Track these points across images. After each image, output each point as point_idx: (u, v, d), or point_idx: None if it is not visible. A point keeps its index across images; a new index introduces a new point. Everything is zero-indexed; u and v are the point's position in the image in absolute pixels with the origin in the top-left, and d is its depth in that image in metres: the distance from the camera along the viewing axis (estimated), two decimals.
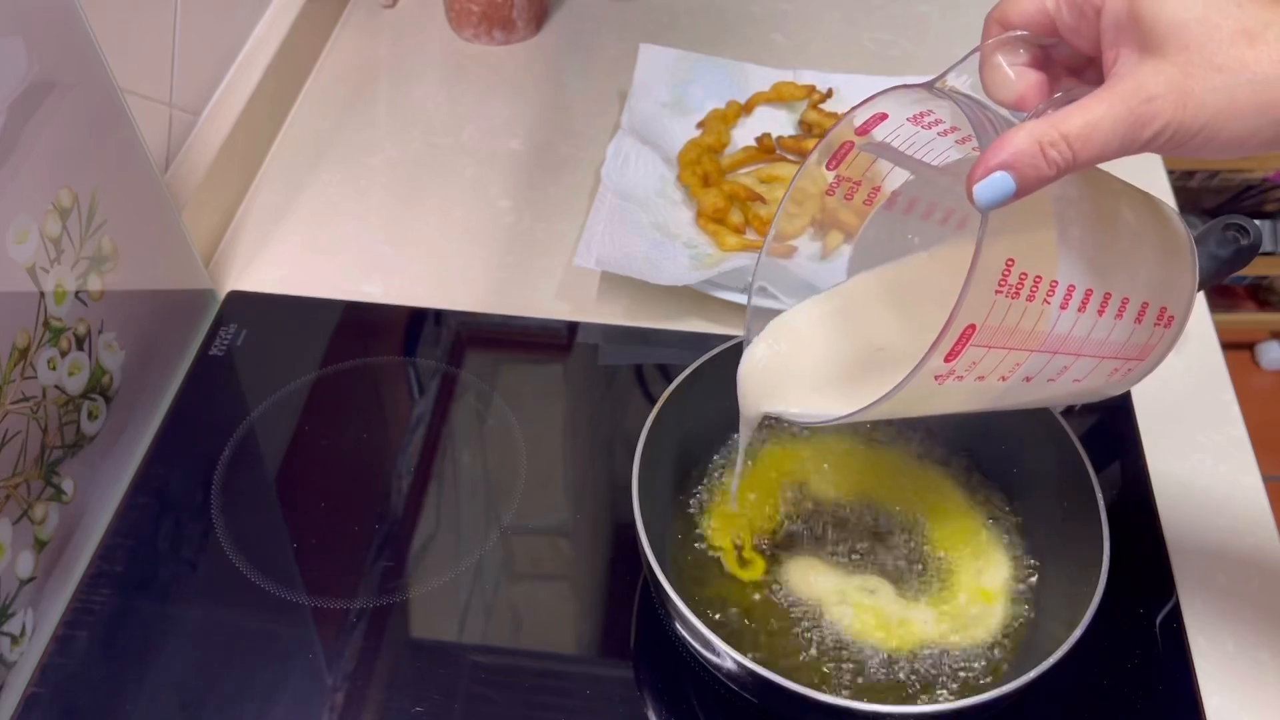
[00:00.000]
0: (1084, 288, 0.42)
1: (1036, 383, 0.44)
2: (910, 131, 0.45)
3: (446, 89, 0.96)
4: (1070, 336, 0.43)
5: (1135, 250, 0.45)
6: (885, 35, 1.00)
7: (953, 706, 0.49)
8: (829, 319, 0.53)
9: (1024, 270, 0.40)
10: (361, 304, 0.76)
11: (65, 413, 0.59)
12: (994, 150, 0.38)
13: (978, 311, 0.40)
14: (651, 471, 0.56)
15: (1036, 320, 0.41)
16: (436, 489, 0.66)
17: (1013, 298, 0.40)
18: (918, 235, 0.52)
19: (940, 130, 0.44)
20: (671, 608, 0.51)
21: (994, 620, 0.56)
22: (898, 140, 0.46)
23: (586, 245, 0.75)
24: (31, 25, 0.55)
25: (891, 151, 0.47)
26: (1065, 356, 0.44)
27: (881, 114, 0.45)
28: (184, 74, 0.79)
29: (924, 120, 0.44)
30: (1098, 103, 0.38)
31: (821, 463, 0.62)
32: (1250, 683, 0.58)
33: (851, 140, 0.47)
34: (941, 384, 0.42)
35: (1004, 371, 0.43)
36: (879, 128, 0.46)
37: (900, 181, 0.50)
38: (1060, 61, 0.44)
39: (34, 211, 0.56)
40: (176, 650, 0.58)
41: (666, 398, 0.58)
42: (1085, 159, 0.38)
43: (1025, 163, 0.38)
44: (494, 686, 0.57)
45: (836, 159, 0.48)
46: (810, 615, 0.56)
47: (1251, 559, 0.63)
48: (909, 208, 0.52)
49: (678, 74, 0.91)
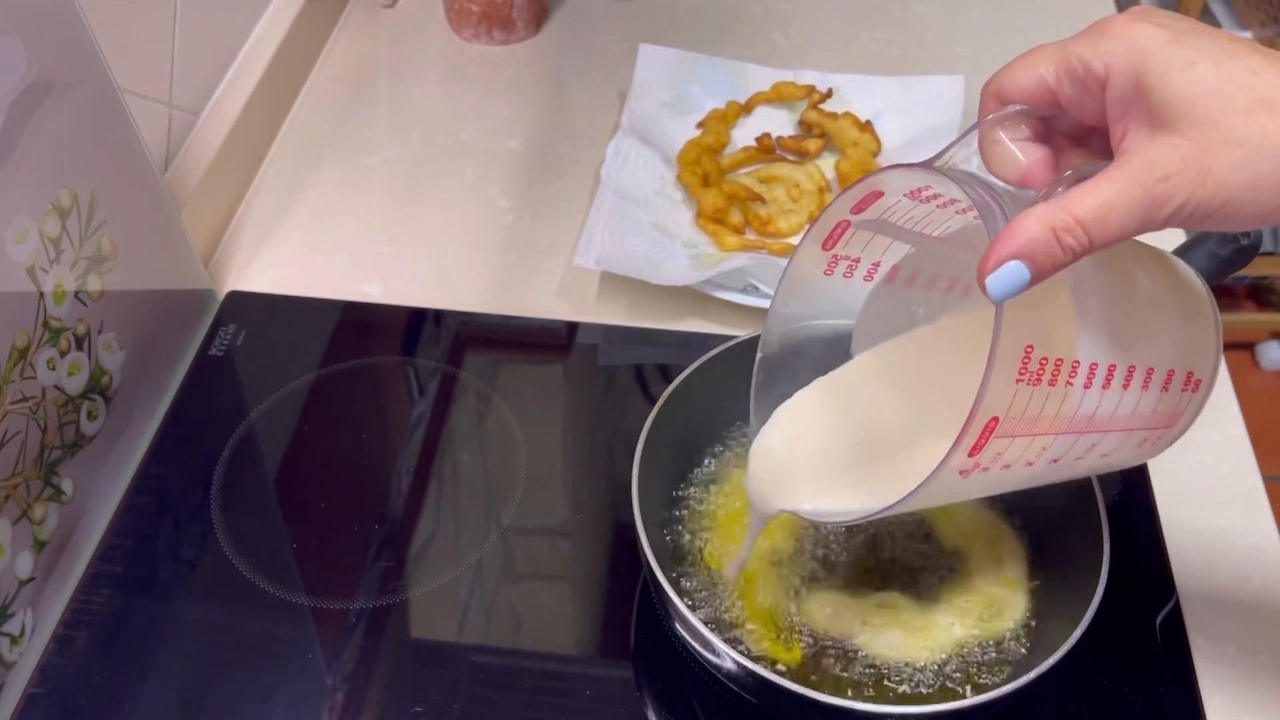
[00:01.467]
0: (1107, 364, 0.41)
1: (1064, 463, 0.43)
2: (908, 206, 0.44)
3: (446, 89, 0.96)
4: (1096, 415, 0.41)
5: (1155, 317, 0.43)
6: (885, 35, 1.00)
7: (953, 707, 0.49)
8: (836, 403, 0.51)
9: (1044, 355, 0.38)
10: (361, 304, 0.76)
11: (65, 413, 0.59)
12: (1005, 239, 0.37)
13: (1000, 403, 0.38)
14: (651, 471, 0.56)
15: (1061, 403, 0.40)
16: (436, 489, 0.66)
17: (1034, 384, 0.39)
18: (922, 306, 0.50)
19: (940, 203, 0.43)
20: (671, 608, 0.51)
21: (1019, 606, 0.56)
22: (895, 216, 0.45)
23: (586, 245, 0.75)
24: (31, 25, 0.55)
25: (890, 227, 0.46)
26: (1092, 435, 0.42)
27: (877, 191, 0.44)
28: (183, 74, 0.79)
29: (921, 195, 0.43)
30: (1110, 183, 0.36)
31: None
32: (1250, 683, 0.58)
33: (847, 219, 0.46)
34: (966, 477, 0.40)
35: (1030, 457, 0.41)
36: (875, 204, 0.44)
37: (900, 254, 0.49)
38: (1062, 131, 0.42)
39: (33, 211, 0.56)
40: (176, 650, 0.58)
41: (666, 398, 0.58)
42: (1102, 242, 0.37)
43: (1039, 250, 0.36)
44: (494, 687, 0.57)
45: (833, 239, 0.47)
46: (836, 647, 0.55)
47: (1251, 559, 0.63)
48: (911, 280, 0.50)
49: (678, 74, 0.91)
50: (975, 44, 0.99)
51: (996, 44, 0.99)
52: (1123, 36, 0.38)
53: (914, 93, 0.89)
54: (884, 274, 0.50)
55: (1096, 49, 0.39)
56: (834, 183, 0.84)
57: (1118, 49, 0.38)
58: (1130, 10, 0.39)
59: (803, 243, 0.48)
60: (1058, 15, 1.02)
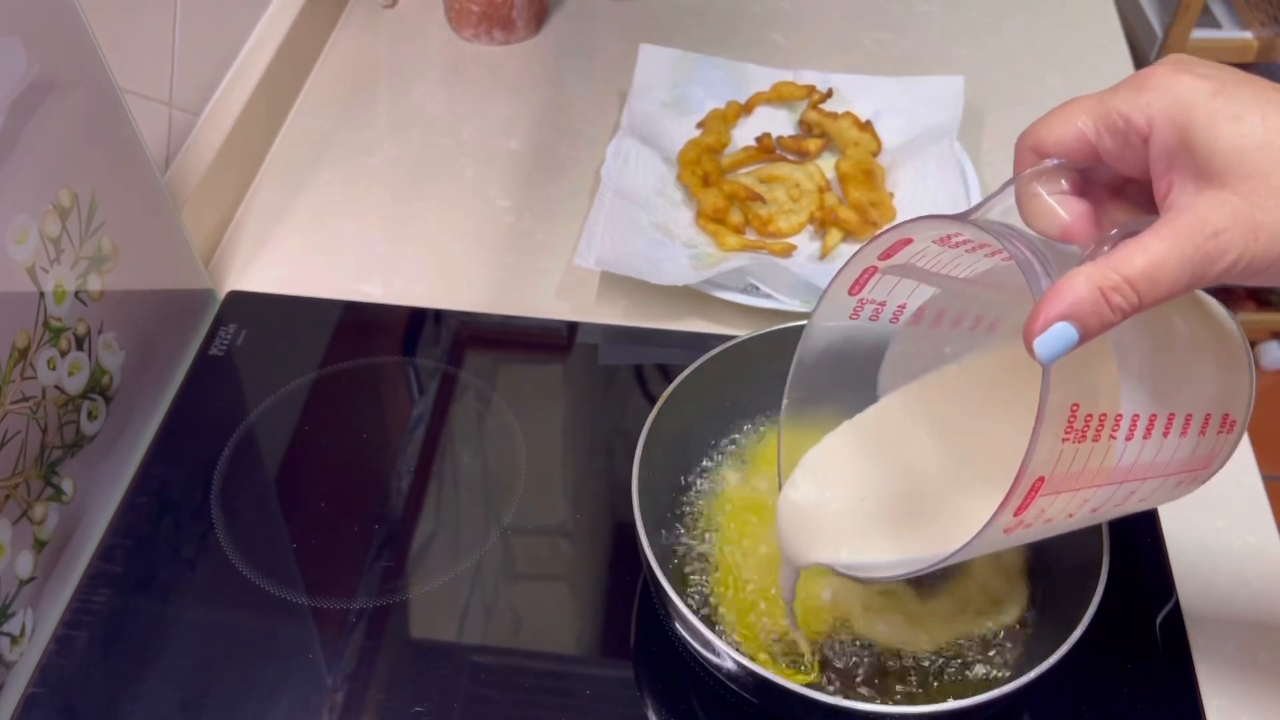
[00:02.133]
0: (1148, 414, 0.40)
1: (1104, 511, 0.43)
2: (936, 251, 0.44)
3: (446, 89, 0.96)
4: (1136, 465, 0.41)
5: (1194, 364, 0.43)
6: (885, 35, 1.00)
7: (953, 706, 0.49)
8: (865, 447, 0.50)
9: (1089, 412, 0.38)
10: (361, 304, 0.76)
11: (65, 413, 0.59)
12: (1052, 300, 0.36)
13: (1046, 464, 0.38)
14: (651, 471, 0.56)
15: (1104, 457, 0.40)
16: (436, 489, 0.66)
17: (1079, 442, 0.38)
18: (948, 345, 0.50)
19: (969, 247, 0.43)
20: (671, 608, 0.51)
21: (1019, 600, 0.56)
22: (922, 260, 0.45)
23: (586, 245, 0.75)
24: (31, 25, 0.55)
25: (917, 271, 0.45)
26: (1132, 483, 0.42)
27: (906, 239, 0.43)
28: (184, 74, 0.79)
29: (951, 240, 0.43)
30: (1159, 240, 0.36)
31: None
32: (1250, 683, 0.58)
33: (875, 265, 0.45)
34: (1010, 534, 0.40)
35: (1071, 510, 0.41)
36: (903, 251, 0.44)
37: (925, 296, 0.48)
38: (1100, 183, 0.42)
39: (33, 211, 0.56)
40: (176, 650, 0.58)
41: (666, 398, 0.58)
42: (1151, 301, 0.36)
43: (1087, 311, 0.36)
44: (494, 686, 0.57)
45: (859, 284, 0.47)
46: (839, 636, 0.55)
47: (1251, 559, 0.63)
48: (937, 320, 0.49)
49: (678, 74, 0.91)
50: (975, 44, 0.99)
51: (996, 44, 0.99)
52: (1164, 89, 0.37)
53: (914, 93, 0.89)
54: (909, 315, 0.49)
55: (1137, 102, 0.38)
56: (834, 183, 0.84)
57: (1160, 102, 0.37)
58: (1168, 61, 0.39)
59: (828, 289, 0.47)
60: (1057, 16, 1.02)
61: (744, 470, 0.62)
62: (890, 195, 0.81)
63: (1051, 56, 0.97)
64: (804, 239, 0.80)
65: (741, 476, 0.62)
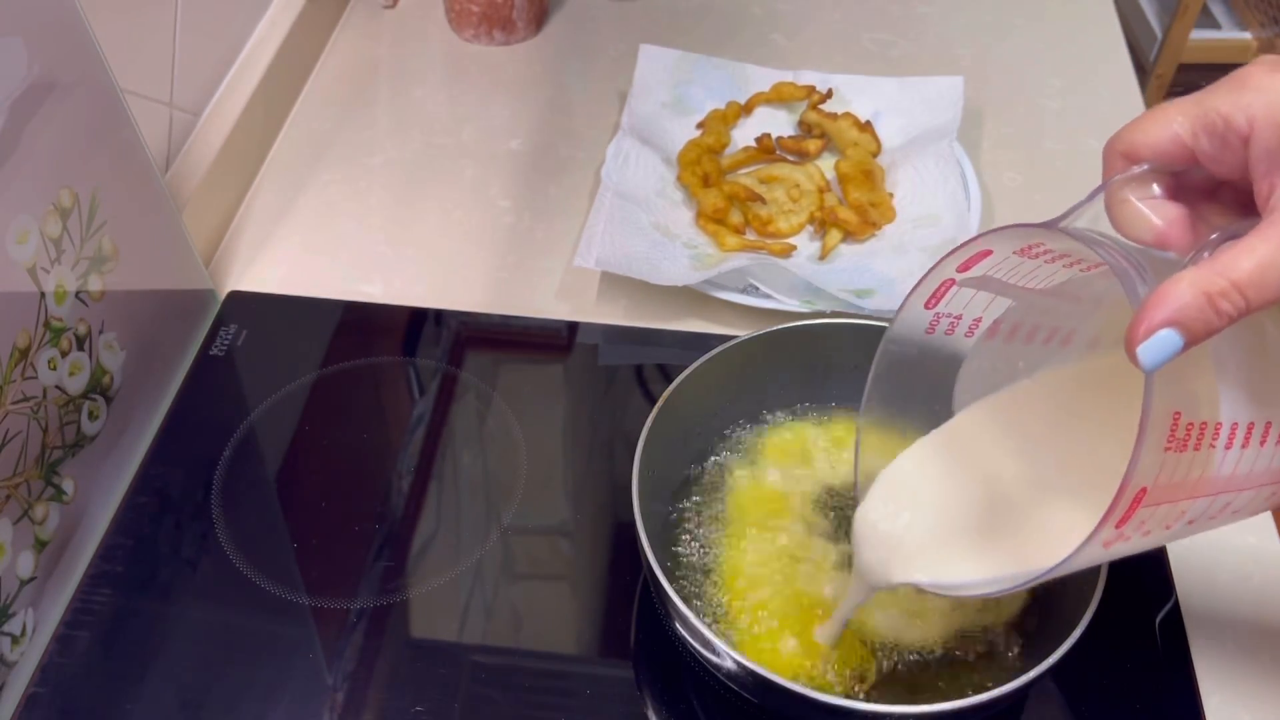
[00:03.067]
0: (1246, 422, 0.40)
1: (1199, 523, 0.42)
2: (1015, 262, 0.43)
3: (446, 90, 0.96)
4: (1235, 474, 0.41)
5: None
6: (885, 35, 1.00)
7: (953, 706, 0.49)
8: (942, 464, 0.50)
9: (1190, 420, 0.38)
10: (361, 304, 0.76)
11: (66, 413, 0.59)
12: (1155, 307, 0.35)
13: (1149, 474, 0.37)
14: (652, 471, 0.56)
15: (1204, 467, 0.39)
16: (436, 489, 0.66)
17: (1181, 451, 0.38)
18: (1022, 359, 0.49)
19: (1048, 258, 0.43)
20: (671, 608, 0.51)
21: (1017, 597, 0.56)
22: (999, 271, 0.44)
23: (586, 245, 0.75)
24: (32, 25, 0.55)
25: (994, 283, 0.45)
26: (1228, 494, 0.42)
27: (986, 250, 0.43)
28: (184, 74, 0.79)
29: (1030, 251, 0.42)
30: (1265, 243, 0.35)
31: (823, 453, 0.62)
32: (1250, 682, 0.58)
33: (952, 278, 0.45)
34: (1109, 548, 0.40)
35: (1169, 521, 0.41)
36: (981, 263, 0.44)
37: (1000, 309, 0.48)
38: (1193, 187, 0.41)
39: (34, 212, 0.56)
40: (177, 650, 0.58)
41: (666, 398, 0.58)
42: (1259, 305, 0.35)
43: (1193, 317, 0.35)
44: (494, 686, 0.57)
45: (936, 297, 0.46)
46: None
47: (1251, 559, 0.63)
48: (1011, 334, 0.49)
49: (678, 74, 0.91)
50: (975, 44, 0.99)
51: (996, 45, 0.99)
52: (1265, 89, 0.37)
53: (914, 93, 0.89)
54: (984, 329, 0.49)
55: (1237, 102, 0.38)
56: (834, 183, 0.84)
57: (1260, 102, 0.37)
58: (1264, 61, 0.38)
59: (906, 302, 0.47)
60: (1057, 17, 1.02)
61: (744, 470, 0.62)
62: (890, 196, 0.81)
63: (1051, 57, 0.98)
64: (804, 239, 0.80)
65: (742, 476, 0.62)
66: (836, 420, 0.64)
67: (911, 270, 0.75)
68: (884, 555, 0.49)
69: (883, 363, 0.50)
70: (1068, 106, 0.93)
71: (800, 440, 0.63)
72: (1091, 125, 0.91)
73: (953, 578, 0.47)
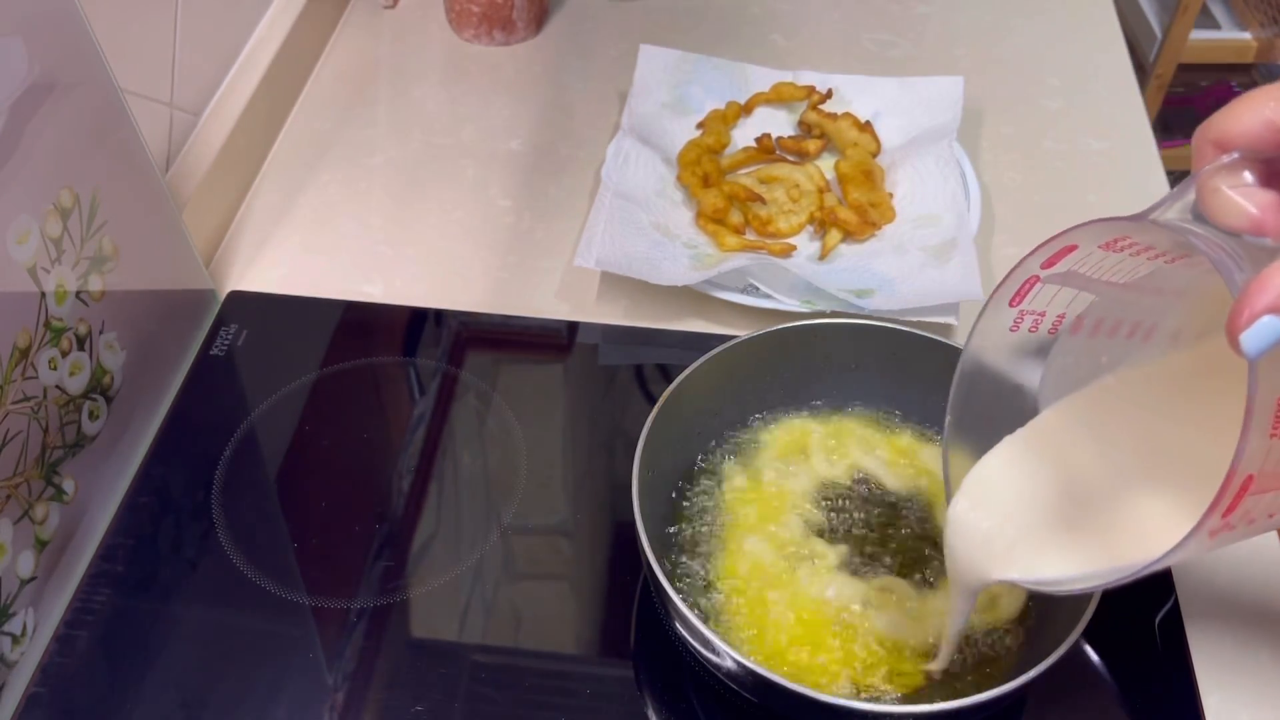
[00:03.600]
0: None
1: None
2: (1099, 257, 0.43)
3: (447, 90, 0.96)
4: None
5: None
6: (885, 36, 1.00)
7: (952, 706, 0.49)
8: (1030, 462, 0.50)
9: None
10: (362, 304, 0.76)
11: (66, 413, 0.59)
12: (1256, 294, 0.35)
13: (1255, 461, 0.37)
14: (652, 471, 0.56)
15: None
16: (437, 489, 0.66)
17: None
18: (1106, 354, 0.49)
19: (1132, 251, 0.42)
20: (671, 608, 0.51)
21: (1016, 597, 0.56)
22: (1083, 266, 0.44)
23: (586, 245, 0.75)
24: (32, 26, 0.55)
25: (1078, 278, 0.45)
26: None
27: (1071, 246, 0.43)
28: (184, 74, 0.79)
29: (1116, 245, 0.42)
30: None
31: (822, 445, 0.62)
32: (1249, 682, 0.58)
33: (1036, 275, 0.45)
34: (1214, 538, 0.40)
35: (1273, 509, 0.41)
36: (1066, 258, 0.44)
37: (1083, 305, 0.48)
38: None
39: (35, 212, 0.56)
40: (177, 650, 0.59)
41: (666, 398, 0.58)
42: None
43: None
44: (494, 686, 0.57)
45: (1020, 295, 0.46)
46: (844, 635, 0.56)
47: (1251, 559, 0.63)
48: (1095, 329, 0.49)
49: (678, 75, 0.91)
50: (975, 44, 0.99)
51: (996, 45, 0.99)
52: None
53: (913, 93, 0.89)
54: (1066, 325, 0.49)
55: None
56: (833, 183, 0.84)
57: None
58: None
59: (990, 301, 0.47)
60: (1057, 17, 1.02)
61: (744, 470, 0.62)
62: (890, 196, 0.81)
63: (1051, 57, 0.98)
64: (803, 239, 0.80)
65: (742, 476, 0.62)
66: (836, 420, 0.64)
67: (911, 270, 0.75)
68: (978, 555, 0.50)
69: (967, 362, 0.50)
70: (1067, 106, 0.93)
71: (800, 440, 0.64)
72: (1091, 125, 0.91)
73: (1047, 574, 0.48)
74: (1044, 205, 0.85)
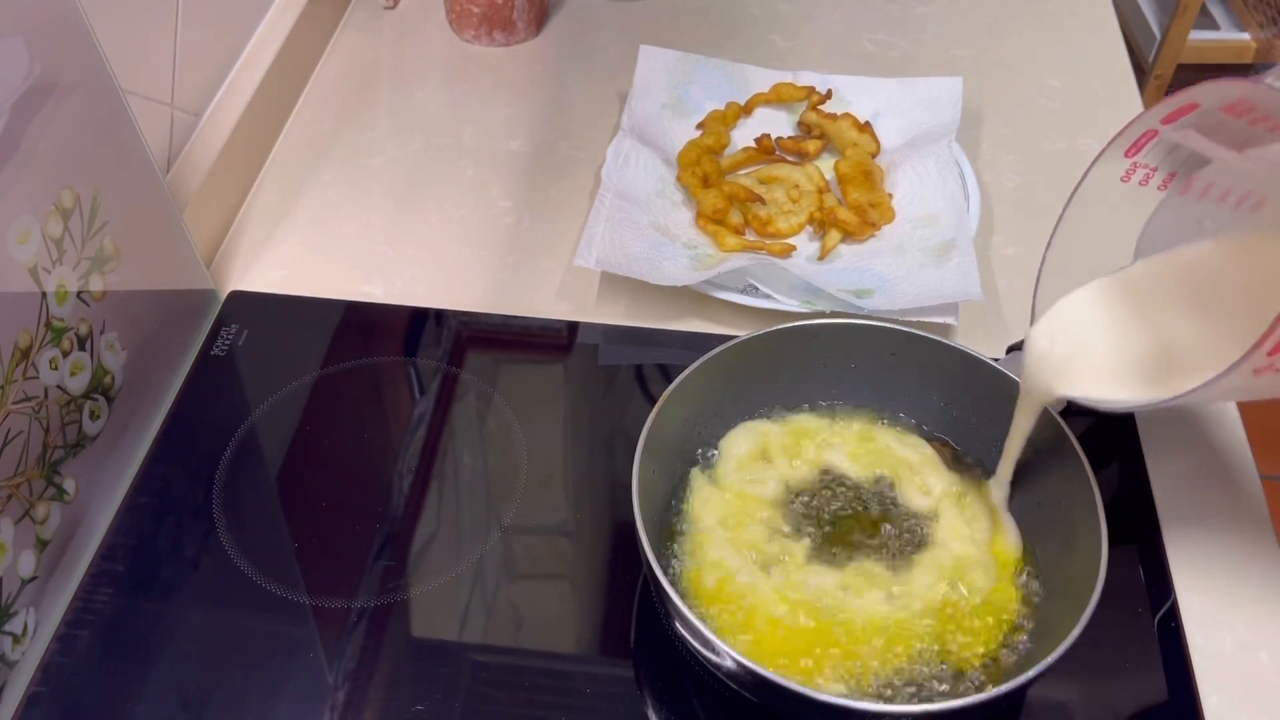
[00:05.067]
0: None
1: None
2: (1219, 120, 0.44)
3: (447, 90, 0.96)
4: None
5: None
6: (885, 36, 1.01)
7: (952, 706, 0.49)
8: (1119, 302, 0.53)
9: None
10: (362, 304, 0.77)
11: (67, 413, 0.59)
12: None
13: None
14: (651, 471, 0.56)
15: None
16: (437, 489, 0.66)
17: None
18: (1209, 219, 0.51)
19: (1250, 118, 0.43)
20: (671, 607, 0.52)
21: (1004, 567, 0.57)
22: (1204, 129, 0.45)
23: (587, 245, 0.76)
24: (33, 26, 0.55)
25: (1195, 139, 0.46)
26: None
27: (1193, 104, 0.44)
28: (185, 75, 0.79)
29: (1237, 109, 0.43)
30: None
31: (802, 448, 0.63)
32: (1248, 682, 0.58)
33: (1155, 129, 0.47)
34: (1258, 376, 0.41)
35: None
36: (1186, 117, 0.45)
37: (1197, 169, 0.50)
38: None
39: (36, 212, 0.56)
40: (178, 649, 0.59)
41: (666, 398, 0.58)
42: None
43: None
44: (495, 685, 0.57)
45: (1136, 146, 0.48)
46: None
47: (1250, 559, 0.63)
48: (1204, 193, 0.51)
49: (677, 75, 0.91)
50: (975, 44, 0.99)
51: (995, 45, 0.99)
52: None
53: (913, 93, 0.89)
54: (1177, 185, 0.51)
55: None
56: (833, 184, 0.84)
57: None
58: None
59: (1106, 149, 0.49)
60: (1056, 17, 1.03)
61: (744, 469, 0.62)
62: (889, 196, 0.82)
63: (1050, 57, 0.98)
64: (803, 240, 0.80)
65: (742, 476, 0.62)
66: (836, 420, 0.64)
67: (911, 270, 0.75)
68: (1054, 371, 0.53)
69: (1077, 202, 0.52)
70: (1067, 106, 0.93)
71: (800, 439, 0.64)
72: (1090, 125, 0.91)
73: (1118, 396, 0.51)
74: (1043, 205, 0.85)
